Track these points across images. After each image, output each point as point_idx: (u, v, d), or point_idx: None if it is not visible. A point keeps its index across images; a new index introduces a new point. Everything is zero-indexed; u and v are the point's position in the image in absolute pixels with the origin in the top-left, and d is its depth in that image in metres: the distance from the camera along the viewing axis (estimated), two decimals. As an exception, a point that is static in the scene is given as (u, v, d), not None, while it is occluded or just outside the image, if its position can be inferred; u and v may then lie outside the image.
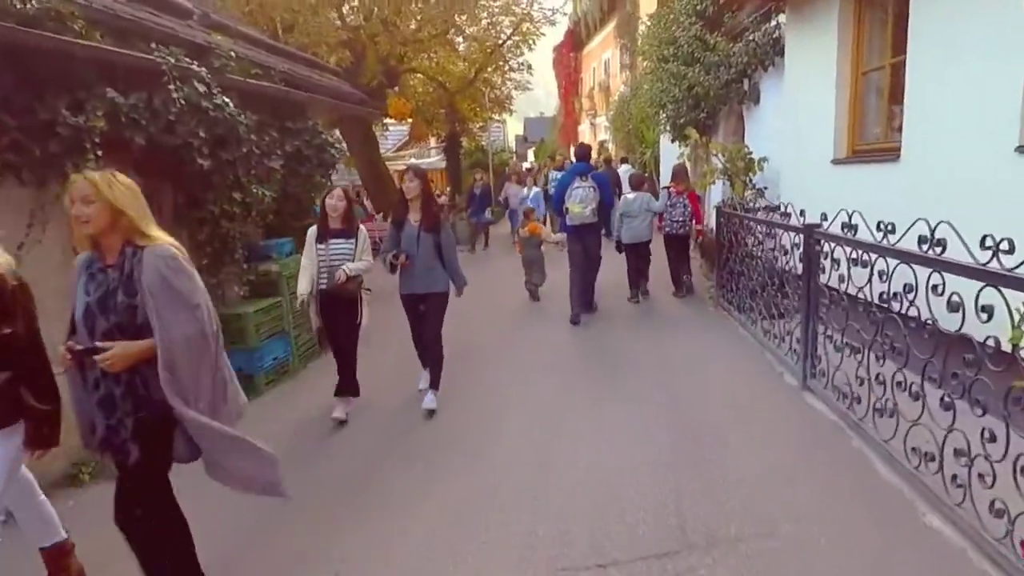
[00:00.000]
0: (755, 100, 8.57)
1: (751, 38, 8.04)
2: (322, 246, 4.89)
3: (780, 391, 4.99)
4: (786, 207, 5.32)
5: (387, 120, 19.96)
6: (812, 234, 4.58)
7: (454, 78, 18.12)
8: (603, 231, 7.74)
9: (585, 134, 30.89)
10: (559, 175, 12.42)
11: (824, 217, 4.44)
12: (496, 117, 23.66)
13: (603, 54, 27.20)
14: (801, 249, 4.78)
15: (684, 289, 8.32)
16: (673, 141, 11.77)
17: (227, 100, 5.30)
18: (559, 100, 35.50)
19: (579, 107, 31.78)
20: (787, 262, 5.23)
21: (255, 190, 6.11)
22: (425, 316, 5.17)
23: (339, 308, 4.94)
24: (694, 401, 4.92)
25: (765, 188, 7.82)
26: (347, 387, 5.14)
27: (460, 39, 16.73)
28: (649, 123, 17.29)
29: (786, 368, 5.29)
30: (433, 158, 27.53)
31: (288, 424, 5.16)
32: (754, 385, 5.17)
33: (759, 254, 6.29)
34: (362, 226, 5.10)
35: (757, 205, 7.48)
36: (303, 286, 4.90)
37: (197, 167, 5.34)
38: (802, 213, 4.90)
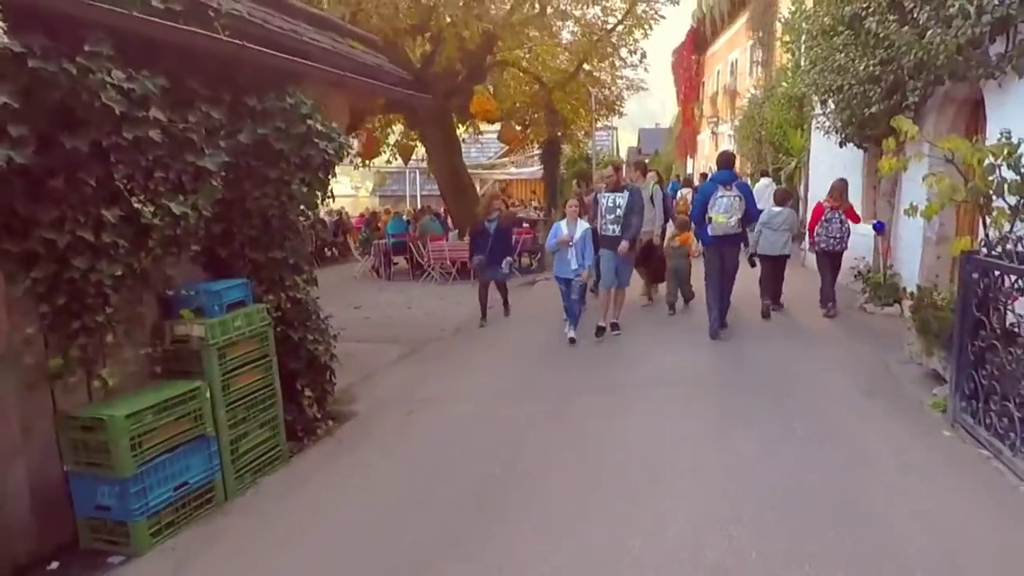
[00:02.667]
0: (1021, 70, 5.13)
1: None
2: None
3: None
4: None
5: (482, 124, 17.49)
6: None
7: (553, 71, 15.24)
8: (742, 244, 7.48)
9: (705, 144, 27.39)
10: (612, 199, 7.33)
11: None
12: (605, 121, 20.61)
13: (729, 55, 23.71)
14: None
15: (832, 308, 8.02)
16: (844, 144, 8.39)
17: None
18: (678, 107, 31.97)
19: (699, 114, 28.22)
20: None
21: (145, 208, 3.52)
22: None
23: None
24: None
25: (1052, 220, 4.41)
26: None
27: (560, 22, 13.78)
28: (793, 126, 13.74)
29: None
30: (535, 167, 24.92)
31: None
32: None
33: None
34: None
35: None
36: None
37: (-4, 161, 2.80)
38: None
